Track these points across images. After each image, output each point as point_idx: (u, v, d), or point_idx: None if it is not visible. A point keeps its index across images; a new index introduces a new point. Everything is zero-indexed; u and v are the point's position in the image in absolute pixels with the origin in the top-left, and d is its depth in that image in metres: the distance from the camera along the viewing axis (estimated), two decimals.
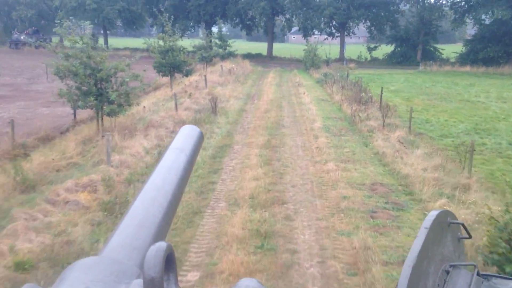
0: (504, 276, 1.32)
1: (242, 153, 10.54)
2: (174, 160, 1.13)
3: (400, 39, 43.10)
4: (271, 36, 48.77)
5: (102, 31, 54.71)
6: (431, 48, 43.59)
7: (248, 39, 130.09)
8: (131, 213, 0.93)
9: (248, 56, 47.92)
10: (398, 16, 43.71)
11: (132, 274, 0.72)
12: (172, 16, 22.07)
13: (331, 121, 14.79)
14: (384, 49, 44.23)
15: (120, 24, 58.39)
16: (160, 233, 0.91)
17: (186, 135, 1.27)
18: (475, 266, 1.25)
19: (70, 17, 55.96)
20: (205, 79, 22.47)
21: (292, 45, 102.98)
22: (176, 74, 21.78)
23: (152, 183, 1.03)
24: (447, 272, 1.15)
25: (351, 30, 46.54)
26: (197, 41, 31.62)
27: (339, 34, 46.72)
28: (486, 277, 1.26)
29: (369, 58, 45.23)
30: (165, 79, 22.53)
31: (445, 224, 1.19)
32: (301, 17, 43.70)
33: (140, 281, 0.66)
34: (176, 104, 15.47)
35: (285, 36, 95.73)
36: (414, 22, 42.51)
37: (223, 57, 38.52)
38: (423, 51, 42.73)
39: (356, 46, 48.43)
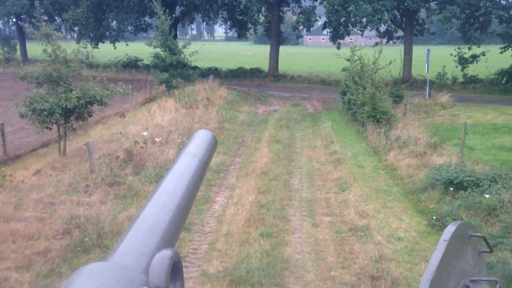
0: None
1: None
2: (186, 165, 1.11)
3: None
4: (275, 41, 27.92)
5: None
6: None
7: (256, 41, 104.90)
8: (141, 219, 0.91)
9: (235, 76, 27.32)
10: None
11: (140, 282, 0.71)
12: None
13: None
14: (490, 61, 23.01)
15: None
16: (170, 240, 0.90)
17: (200, 140, 1.24)
18: (496, 281, 1.17)
19: None
20: None
21: (308, 50, 78.60)
22: None
23: (163, 188, 1.02)
24: None
25: (424, 26, 25.61)
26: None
27: (400, 34, 25.88)
28: None
29: (460, 78, 24.31)
30: None
31: (465, 237, 1.14)
32: (332, 6, 22.93)
33: None
34: None
35: (300, 39, 72.45)
36: None
37: (170, 86, 18.43)
38: None
39: (392, 51, 26.19)
